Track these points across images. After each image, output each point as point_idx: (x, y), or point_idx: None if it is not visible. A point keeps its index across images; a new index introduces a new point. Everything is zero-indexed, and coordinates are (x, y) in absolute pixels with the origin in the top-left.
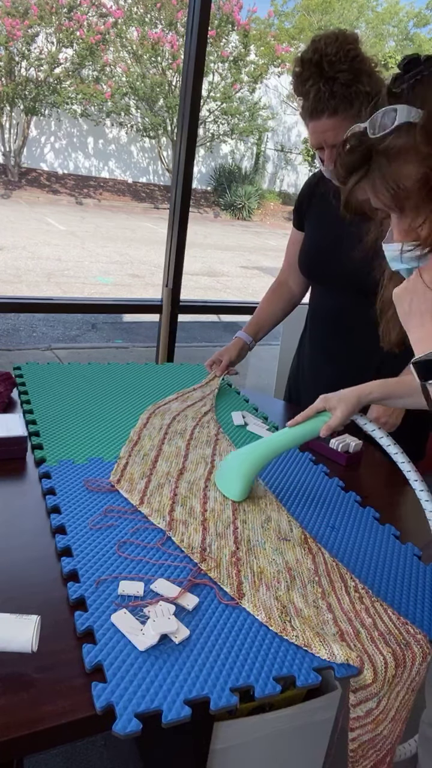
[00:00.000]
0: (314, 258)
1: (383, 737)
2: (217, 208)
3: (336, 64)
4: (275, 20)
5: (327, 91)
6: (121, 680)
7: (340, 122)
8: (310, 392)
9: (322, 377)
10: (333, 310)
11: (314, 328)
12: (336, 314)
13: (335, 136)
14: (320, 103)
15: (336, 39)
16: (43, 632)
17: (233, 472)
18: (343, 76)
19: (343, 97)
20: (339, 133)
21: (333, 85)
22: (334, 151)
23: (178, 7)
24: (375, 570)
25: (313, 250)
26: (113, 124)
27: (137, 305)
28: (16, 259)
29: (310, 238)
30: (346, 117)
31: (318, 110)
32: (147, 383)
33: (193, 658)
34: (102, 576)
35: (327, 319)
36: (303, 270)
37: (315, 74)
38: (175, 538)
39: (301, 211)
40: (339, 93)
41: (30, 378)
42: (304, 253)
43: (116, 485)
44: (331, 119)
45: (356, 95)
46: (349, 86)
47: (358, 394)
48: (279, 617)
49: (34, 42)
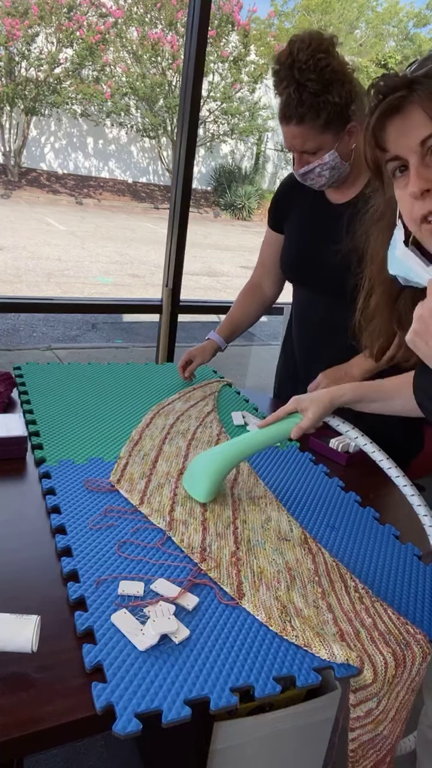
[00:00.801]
0: (298, 260)
1: (383, 737)
2: (217, 208)
3: (306, 72)
4: (275, 20)
5: (296, 98)
6: (121, 680)
7: (307, 131)
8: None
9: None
10: (319, 312)
11: (300, 331)
12: (324, 316)
13: (303, 143)
14: (289, 108)
15: (309, 45)
16: (43, 632)
17: (201, 473)
18: (312, 84)
19: (311, 106)
20: (306, 140)
21: (302, 93)
22: (303, 157)
23: (178, 7)
24: (375, 570)
25: (296, 252)
26: (113, 124)
27: (137, 305)
28: (16, 259)
29: (292, 240)
30: (312, 126)
31: (287, 116)
32: (147, 383)
33: (193, 658)
34: (102, 576)
35: (313, 322)
36: (286, 272)
37: (288, 78)
38: (175, 538)
39: (278, 211)
40: (307, 102)
41: (30, 378)
42: (286, 255)
43: (116, 485)
44: (298, 127)
45: (324, 105)
46: (318, 95)
47: (330, 396)
48: (279, 617)
49: (34, 42)
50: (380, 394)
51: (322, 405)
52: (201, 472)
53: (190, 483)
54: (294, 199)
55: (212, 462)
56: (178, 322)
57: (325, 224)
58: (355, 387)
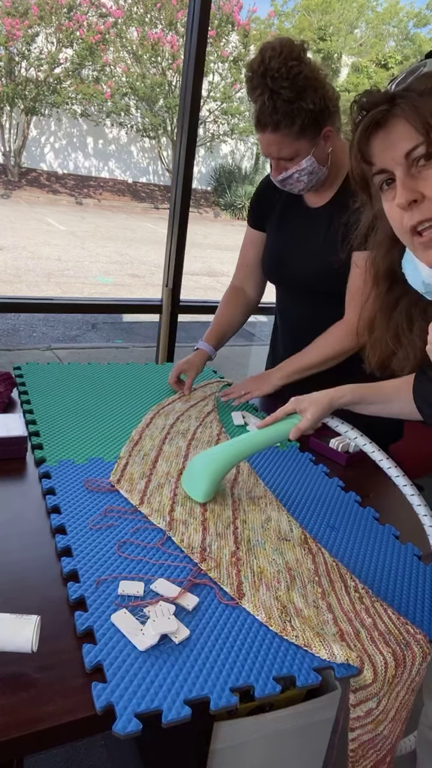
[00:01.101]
0: (277, 262)
1: (383, 737)
2: (217, 208)
3: (278, 80)
4: (275, 20)
5: (270, 106)
6: (121, 680)
7: (282, 138)
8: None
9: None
10: (300, 312)
11: (284, 330)
12: (305, 316)
13: (279, 150)
14: (264, 116)
15: (280, 53)
16: (43, 632)
17: (199, 473)
18: (285, 92)
19: (285, 113)
20: (282, 147)
21: (276, 101)
22: (280, 163)
23: (178, 7)
24: (375, 570)
25: (275, 254)
26: (113, 124)
27: (137, 305)
28: (16, 259)
29: (272, 241)
30: (287, 133)
31: (262, 123)
32: (147, 383)
33: (193, 658)
34: (102, 576)
35: (295, 321)
36: (266, 273)
37: (261, 85)
38: (175, 538)
39: (261, 209)
40: (281, 109)
41: (30, 378)
42: (268, 258)
43: (116, 485)
44: (273, 134)
45: (298, 112)
46: (291, 103)
47: (330, 398)
48: (279, 617)
49: (34, 42)
50: (379, 396)
51: (321, 406)
52: (200, 472)
53: (189, 483)
54: (274, 200)
55: (211, 462)
56: (178, 322)
57: (302, 227)
58: (354, 389)
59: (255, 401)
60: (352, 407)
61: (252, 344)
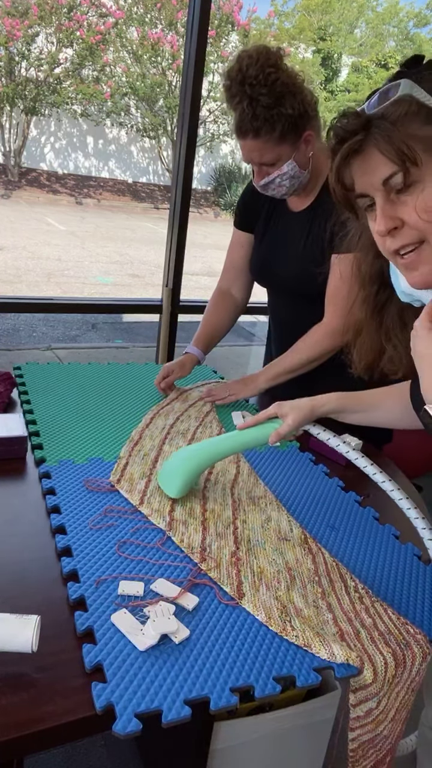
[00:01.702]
0: (266, 266)
1: (383, 737)
2: (217, 208)
3: (257, 87)
4: (275, 20)
5: (250, 113)
6: (121, 680)
7: (264, 144)
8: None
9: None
10: (288, 312)
11: (275, 330)
12: (293, 316)
13: (260, 156)
14: (244, 123)
15: (257, 60)
16: (43, 632)
17: (175, 470)
18: (264, 99)
19: (265, 119)
20: (263, 153)
21: (255, 108)
22: (262, 169)
23: (178, 7)
24: (375, 570)
25: (263, 258)
26: (113, 124)
27: (137, 305)
28: (16, 259)
29: (260, 245)
30: (268, 140)
31: (242, 130)
32: (147, 383)
33: (193, 658)
34: (102, 576)
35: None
36: (255, 277)
37: (240, 93)
38: (175, 538)
39: (248, 211)
40: (261, 115)
41: (30, 378)
42: (255, 261)
43: (116, 485)
44: (254, 141)
45: (278, 118)
46: (271, 108)
47: (312, 405)
48: (279, 617)
49: (34, 42)
50: (363, 405)
51: (302, 413)
52: (175, 468)
53: (164, 478)
54: (259, 203)
55: (187, 459)
56: (178, 322)
57: (285, 231)
58: (338, 397)
59: (254, 401)
60: (335, 415)
61: (252, 344)
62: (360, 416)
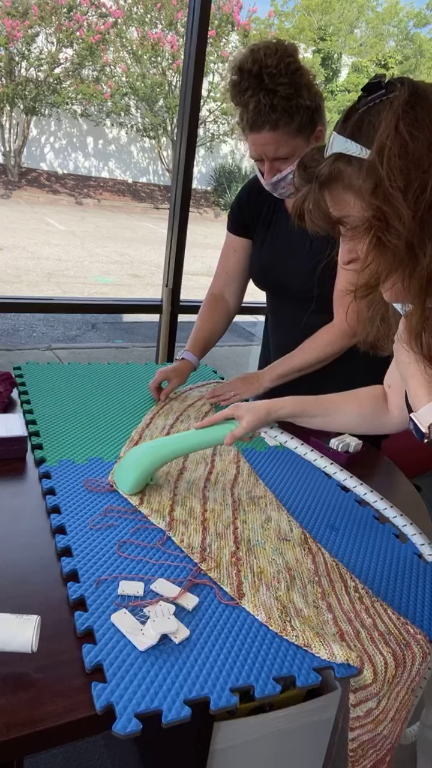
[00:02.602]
0: (270, 271)
1: (383, 737)
2: (217, 208)
3: (276, 77)
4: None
5: (267, 104)
6: (121, 680)
7: (281, 136)
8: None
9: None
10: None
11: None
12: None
13: (276, 149)
14: (260, 116)
15: (276, 51)
16: (43, 632)
17: (131, 465)
18: (283, 89)
19: (284, 110)
20: (279, 146)
21: (273, 98)
22: (275, 164)
23: (178, 7)
24: (375, 570)
25: (267, 263)
26: (113, 124)
27: (137, 305)
28: (16, 259)
29: (262, 250)
30: (287, 131)
31: (258, 123)
32: (147, 383)
33: (193, 658)
34: (102, 576)
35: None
36: (258, 282)
37: (254, 85)
38: (175, 538)
39: (243, 216)
40: (279, 106)
41: (30, 378)
42: (257, 266)
43: (115, 485)
44: (271, 133)
45: (296, 109)
46: (290, 99)
47: (268, 408)
48: (279, 617)
49: (34, 42)
50: (321, 409)
51: (257, 415)
52: (131, 465)
53: (120, 474)
54: (258, 206)
55: (143, 456)
56: (178, 322)
57: (289, 234)
58: (295, 401)
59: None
60: (293, 419)
61: (252, 344)
62: (318, 420)
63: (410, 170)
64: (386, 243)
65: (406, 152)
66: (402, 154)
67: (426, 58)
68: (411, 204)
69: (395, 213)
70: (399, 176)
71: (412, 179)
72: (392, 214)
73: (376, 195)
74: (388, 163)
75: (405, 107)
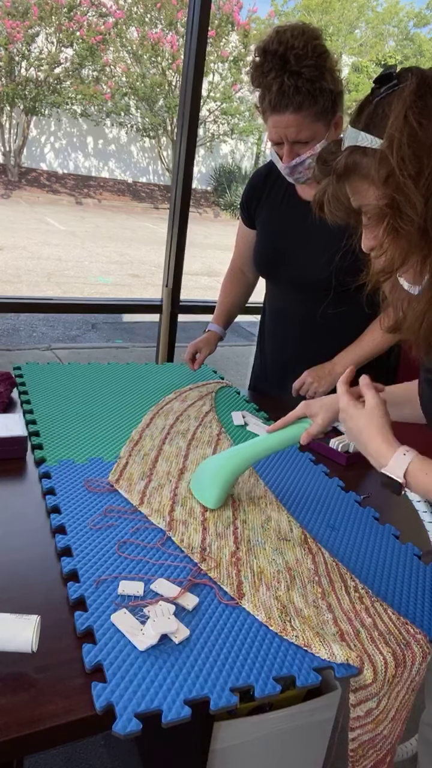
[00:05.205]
0: (270, 258)
1: (383, 737)
2: (217, 208)
3: (302, 59)
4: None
5: (292, 86)
6: (121, 680)
7: (304, 118)
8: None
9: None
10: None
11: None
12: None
13: (297, 132)
14: (284, 97)
15: (303, 33)
16: (43, 632)
17: (210, 479)
18: (308, 71)
19: (308, 93)
20: (301, 129)
21: (297, 80)
22: (294, 148)
23: (178, 7)
24: (375, 570)
25: (269, 251)
26: (113, 124)
27: (137, 305)
28: (16, 259)
29: (263, 237)
30: (309, 114)
31: (282, 105)
32: (147, 383)
33: (193, 658)
34: (102, 576)
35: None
36: (260, 270)
37: (278, 67)
38: (175, 538)
39: (250, 208)
40: (304, 89)
41: (30, 378)
42: (259, 254)
43: (115, 485)
44: (294, 115)
45: (320, 92)
46: (314, 82)
47: None
48: (279, 617)
49: (34, 42)
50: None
51: (332, 411)
52: (210, 478)
53: (199, 489)
54: (264, 196)
55: (221, 467)
56: (178, 322)
57: (296, 222)
58: None
59: (255, 401)
60: None
61: (252, 344)
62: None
63: (421, 158)
64: (400, 229)
65: (416, 140)
66: (411, 143)
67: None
68: (423, 191)
69: (407, 200)
70: (410, 164)
71: (423, 167)
72: (404, 201)
73: (388, 184)
74: (399, 152)
75: (413, 96)
